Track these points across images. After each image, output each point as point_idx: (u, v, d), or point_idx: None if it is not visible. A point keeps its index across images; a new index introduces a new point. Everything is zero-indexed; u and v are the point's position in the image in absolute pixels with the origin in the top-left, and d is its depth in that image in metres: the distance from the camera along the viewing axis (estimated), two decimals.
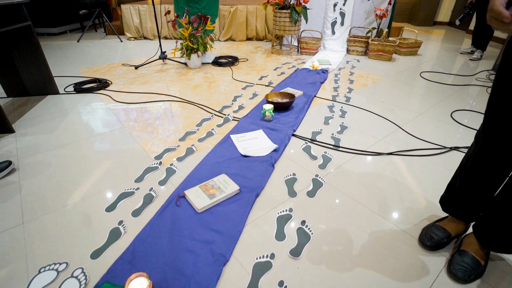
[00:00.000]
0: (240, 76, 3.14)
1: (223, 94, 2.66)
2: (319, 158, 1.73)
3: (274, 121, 2.14)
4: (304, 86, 2.79)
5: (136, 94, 2.68)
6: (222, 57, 3.81)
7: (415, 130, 2.07)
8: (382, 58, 3.74)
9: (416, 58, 3.91)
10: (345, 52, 3.99)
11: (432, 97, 2.65)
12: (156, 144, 1.88)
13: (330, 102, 2.50)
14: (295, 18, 3.61)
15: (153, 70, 3.36)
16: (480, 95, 2.70)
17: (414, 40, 3.92)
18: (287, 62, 3.65)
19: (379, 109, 2.38)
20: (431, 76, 3.19)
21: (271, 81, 2.96)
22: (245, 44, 4.67)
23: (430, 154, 1.78)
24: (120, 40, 4.93)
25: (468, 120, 2.22)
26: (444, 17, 6.56)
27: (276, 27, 3.82)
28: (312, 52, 3.93)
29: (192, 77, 3.12)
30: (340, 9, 4.02)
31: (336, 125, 2.11)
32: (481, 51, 3.87)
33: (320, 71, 3.19)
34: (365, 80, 3.04)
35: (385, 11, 3.76)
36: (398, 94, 2.71)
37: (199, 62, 3.41)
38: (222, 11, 4.67)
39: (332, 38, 4.10)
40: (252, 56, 3.95)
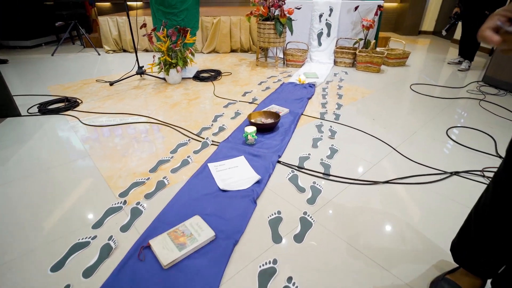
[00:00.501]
0: (222, 92, 2.94)
1: (203, 113, 2.45)
2: (307, 190, 1.53)
3: (257, 144, 1.94)
4: (291, 102, 2.62)
5: (108, 115, 2.44)
6: (204, 71, 3.61)
7: (411, 151, 1.90)
8: (371, 70, 3.62)
9: (404, 69, 3.81)
10: (332, 64, 3.86)
11: (424, 112, 2.51)
12: (123, 176, 1.65)
13: (318, 120, 2.32)
14: (279, 29, 3.46)
15: (130, 87, 3.13)
16: (473, 109, 2.58)
17: (402, 51, 3.82)
18: (272, 75, 3.48)
19: (371, 127, 2.22)
20: (421, 89, 3.07)
21: (255, 98, 2.78)
22: (229, 56, 4.50)
23: (430, 181, 1.61)
24: (98, 53, 4.68)
25: (464, 138, 2.07)
26: (429, 26, 6.58)
27: (261, 39, 3.66)
28: (298, 64, 3.78)
29: (170, 94, 2.90)
30: (326, 20, 3.91)
31: (325, 148, 1.93)
32: (469, 61, 3.80)
33: (307, 85, 3.02)
34: (354, 94, 2.89)
35: (372, 22, 3.65)
36: (389, 109, 2.56)
37: (178, 78, 3.20)
38: (204, 23, 4.49)
39: (318, 49, 3.97)
40: (236, 69, 3.77)
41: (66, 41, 5.67)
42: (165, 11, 3.11)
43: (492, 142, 2.03)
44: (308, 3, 3.86)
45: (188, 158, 1.80)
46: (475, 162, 1.80)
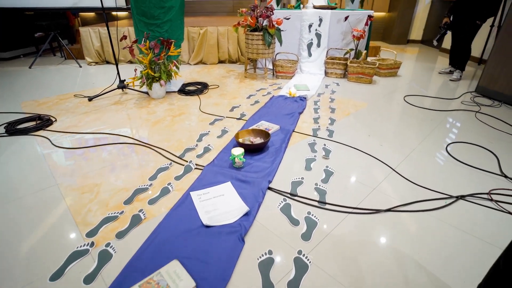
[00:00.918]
0: (208, 107, 2.78)
1: (187, 132, 2.27)
2: (301, 222, 1.37)
3: (246, 168, 1.77)
4: (281, 118, 2.47)
5: (83, 135, 2.24)
6: (190, 84, 3.45)
7: (411, 172, 1.77)
8: (362, 81, 3.52)
9: (396, 79, 3.73)
10: (323, 75, 3.75)
11: (421, 126, 2.39)
12: (93, 210, 1.45)
13: (311, 138, 2.17)
14: (268, 40, 3.33)
15: (110, 102, 2.94)
16: (470, 122, 2.48)
17: (393, 61, 3.75)
18: (261, 87, 3.34)
19: (367, 144, 2.08)
20: (415, 100, 2.98)
21: (244, 113, 2.62)
22: (217, 67, 4.35)
23: (435, 208, 1.47)
24: (79, 65, 4.47)
25: (466, 155, 1.95)
26: (417, 35, 6.61)
27: (249, 50, 3.53)
28: (288, 76, 3.66)
29: (153, 110, 2.72)
30: (315, 30, 3.81)
31: (319, 170, 1.78)
32: (460, 71, 3.75)
33: (298, 99, 2.89)
34: (347, 107, 2.76)
35: (363, 32, 3.57)
36: (384, 123, 2.44)
37: (162, 92, 3.03)
38: (191, 33, 4.35)
39: (308, 60, 3.87)
40: (223, 81, 3.62)
41: (46, 52, 5.43)
42: (147, 22, 2.95)
43: (494, 160, 1.91)
44: (297, 13, 3.77)
45: (168, 186, 1.62)
46: (480, 182, 1.67)
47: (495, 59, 3.02)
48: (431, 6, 6.21)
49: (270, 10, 3.29)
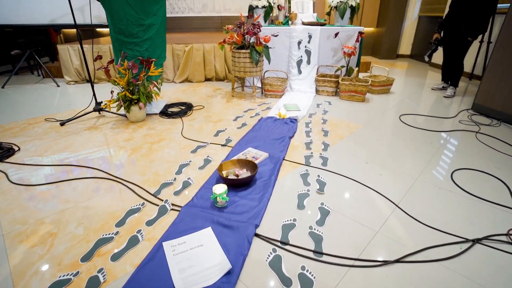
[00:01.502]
0: (191, 131, 2.56)
1: (166, 163, 2.04)
2: (294, 282, 1.14)
3: (230, 207, 1.54)
4: (270, 143, 2.26)
5: (45, 168, 1.98)
6: (173, 105, 3.23)
7: (417, 207, 1.57)
8: (355, 99, 3.37)
9: (389, 97, 3.60)
10: (314, 93, 3.60)
11: (421, 150, 2.22)
12: (40, 273, 1.19)
13: (303, 167, 1.97)
14: (256, 58, 3.17)
15: (84, 126, 2.69)
16: (471, 144, 2.32)
17: (386, 78, 3.63)
18: (249, 108, 3.14)
19: (365, 174, 1.89)
20: (411, 120, 2.82)
21: (230, 138, 2.41)
22: (203, 85, 4.16)
23: (450, 256, 1.26)
24: (57, 84, 4.22)
25: (473, 184, 1.77)
26: (406, 50, 6.60)
27: (236, 68, 3.35)
28: (278, 95, 3.49)
29: (131, 135, 2.48)
30: (305, 47, 3.68)
31: (314, 208, 1.56)
32: (454, 87, 3.65)
33: (288, 120, 2.70)
34: (340, 130, 2.58)
35: (354, 48, 3.45)
36: (381, 148, 2.25)
37: (142, 115, 2.80)
38: (175, 51, 4.17)
39: (298, 78, 3.71)
40: (209, 101, 3.42)
41: (24, 71, 5.17)
42: (125, 41, 2.74)
43: (505, 189, 1.73)
44: (285, 29, 3.64)
45: (138, 234, 1.37)
46: (495, 220, 1.48)
47: (490, 76, 2.91)
48: (419, 21, 6.23)
49: (257, 27, 3.14)
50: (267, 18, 3.68)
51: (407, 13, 6.21)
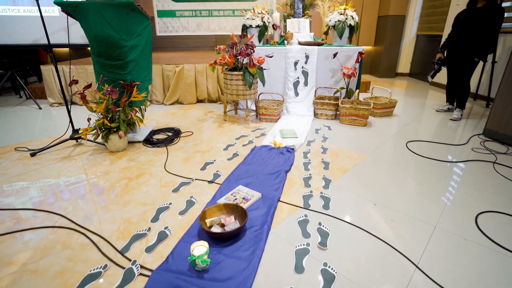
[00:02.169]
0: (176, 164, 2.28)
1: (142, 205, 1.75)
2: None
3: (212, 270, 1.25)
4: (264, 180, 1.99)
5: (2, 213, 1.68)
6: (160, 131, 2.97)
7: (441, 268, 1.28)
8: (356, 123, 3.13)
9: (393, 120, 3.36)
10: (312, 117, 3.36)
11: (435, 186, 1.95)
12: None
13: (301, 211, 1.68)
14: (249, 81, 2.94)
15: (57, 157, 2.41)
16: (491, 178, 2.06)
17: (388, 100, 3.40)
18: (242, 135, 2.88)
19: (373, 219, 1.61)
20: (420, 148, 2.57)
21: (218, 172, 2.13)
22: (194, 108, 3.92)
23: None
24: (39, 107, 3.97)
25: (503, 232, 1.49)
26: (404, 68, 6.47)
27: (228, 91, 3.12)
28: (273, 119, 3.24)
29: (107, 169, 2.20)
30: (302, 68, 3.47)
31: (315, 272, 1.27)
32: (461, 110, 3.43)
33: (285, 150, 2.43)
34: (343, 161, 2.32)
35: (354, 69, 3.24)
36: (390, 185, 1.98)
37: (123, 144, 2.53)
38: (166, 72, 3.96)
39: (295, 100, 3.48)
40: (199, 126, 3.16)
41: (8, 91, 4.94)
42: (105, 63, 2.51)
43: None
44: (281, 50, 3.44)
45: None
46: None
47: (502, 100, 2.69)
48: (417, 40, 6.13)
49: (251, 47, 2.93)
50: (261, 38, 3.49)
51: (405, 31, 6.11)
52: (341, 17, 3.37)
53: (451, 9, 4.92)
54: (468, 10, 3.24)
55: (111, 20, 2.36)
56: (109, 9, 2.32)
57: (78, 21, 2.41)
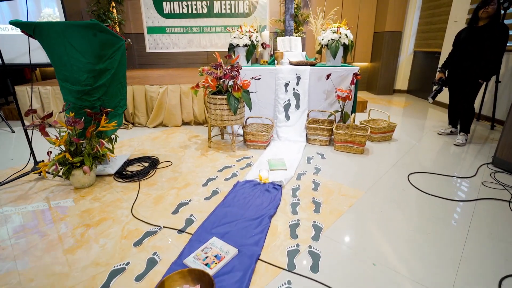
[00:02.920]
0: (146, 204, 1.99)
1: (94, 266, 1.45)
2: None
3: None
4: (243, 228, 1.69)
5: None
6: (136, 160, 2.69)
7: None
8: (352, 151, 2.86)
9: (392, 146, 3.10)
10: (304, 143, 3.08)
11: (446, 237, 1.66)
12: None
13: (284, 275, 1.38)
14: (234, 105, 2.68)
15: (11, 196, 2.12)
16: (509, 223, 1.77)
17: (387, 124, 3.15)
18: (226, 166, 2.60)
19: (373, 283, 1.30)
20: (423, 181, 2.29)
21: (192, 217, 1.84)
22: (179, 131, 3.65)
23: None
24: (12, 130, 3.69)
25: None
26: (402, 85, 6.27)
27: (212, 116, 2.86)
28: (261, 146, 2.97)
29: (65, 213, 1.91)
30: (293, 90, 3.23)
31: None
32: (465, 134, 3.17)
33: (271, 187, 2.15)
34: (337, 200, 2.03)
35: (349, 92, 3.00)
36: (392, 236, 1.69)
37: (89, 179, 2.24)
38: (149, 92, 3.71)
39: (286, 124, 3.22)
40: (181, 154, 2.88)
41: None
42: (72, 89, 2.25)
43: None
44: (270, 70, 3.20)
45: None
46: None
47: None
48: (414, 56, 5.95)
49: (236, 69, 2.69)
50: (249, 57, 3.26)
51: (402, 48, 5.94)
52: (335, 35, 3.15)
53: (449, 25, 4.76)
54: (469, 29, 3.03)
55: (76, 43, 2.12)
56: (73, 31, 2.08)
57: (39, 42, 2.16)
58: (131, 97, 3.69)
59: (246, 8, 5.89)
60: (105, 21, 5.38)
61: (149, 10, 5.89)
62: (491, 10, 2.81)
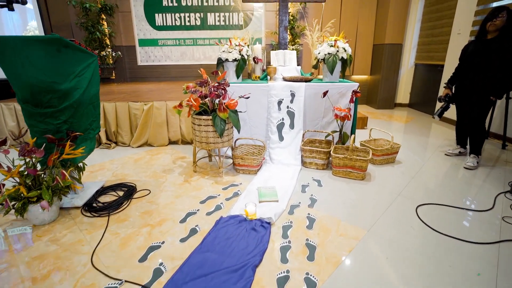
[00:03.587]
0: (110, 248, 1.69)
1: None
2: None
3: None
4: (221, 284, 1.39)
5: None
6: (111, 188, 2.40)
7: None
8: (352, 176, 2.57)
9: (396, 169, 2.81)
10: (299, 166, 2.80)
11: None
12: None
13: None
14: (220, 127, 2.41)
15: None
16: None
17: (390, 145, 2.87)
18: (210, 195, 2.31)
19: None
20: (434, 216, 2.00)
21: (162, 266, 1.54)
22: (164, 152, 3.37)
23: None
24: None
25: None
26: (404, 98, 6.03)
27: (197, 138, 2.58)
28: (252, 170, 2.68)
29: (12, 261, 1.61)
30: (287, 108, 2.97)
31: None
32: (476, 156, 2.89)
33: (259, 224, 1.85)
34: (334, 243, 1.73)
35: (348, 111, 2.73)
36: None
37: (49, 215, 1.95)
38: (132, 110, 3.45)
39: (280, 145, 2.95)
40: (162, 180, 2.60)
41: None
42: (33, 112, 1.98)
43: None
44: (262, 87, 2.95)
45: None
46: None
47: None
48: (415, 69, 5.73)
49: (222, 87, 2.43)
50: (240, 73, 3.01)
51: (403, 60, 5.72)
52: (332, 49, 2.91)
53: (452, 37, 4.54)
54: (477, 42, 2.79)
55: (36, 60, 1.86)
56: (32, 47, 1.83)
57: None
58: (113, 114, 3.43)
59: (241, 20, 5.71)
60: (93, 33, 5.18)
61: (141, 22, 5.71)
62: (500, 23, 2.58)
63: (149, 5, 5.61)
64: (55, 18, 5.46)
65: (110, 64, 5.59)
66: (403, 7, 5.24)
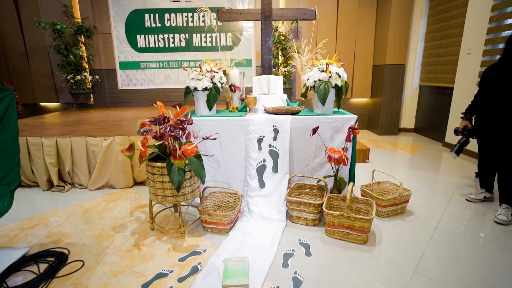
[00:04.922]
0: None
1: None
2: None
3: None
4: None
5: None
6: (33, 260, 1.82)
7: None
8: (352, 239, 1.98)
9: (407, 226, 2.21)
10: (284, 222, 2.21)
11: None
12: None
13: None
14: (177, 179, 1.85)
15: None
16: None
17: (399, 193, 2.28)
18: (159, 273, 1.71)
19: None
20: None
21: None
22: (125, 196, 2.80)
23: None
24: None
25: None
26: (408, 123, 5.50)
27: (151, 189, 2.02)
28: (223, 229, 2.10)
29: None
30: (269, 147, 2.42)
31: None
32: (508, 206, 2.29)
33: None
34: None
35: (343, 153, 2.17)
36: None
37: None
38: (90, 146, 2.91)
39: (260, 194, 2.37)
40: (106, 243, 2.01)
41: None
42: None
43: None
44: (238, 121, 2.42)
45: None
46: None
47: None
48: (420, 91, 5.23)
49: (181, 127, 1.89)
50: (212, 104, 2.47)
51: (406, 82, 5.23)
52: (323, 75, 2.39)
53: (461, 58, 4.05)
54: (502, 64, 2.27)
55: None
56: None
57: None
58: (69, 151, 2.90)
59: (229, 41, 5.30)
60: (67, 56, 4.75)
61: (122, 44, 5.31)
62: None
63: (131, 26, 5.23)
64: (30, 41, 5.08)
65: (86, 89, 5.13)
66: (404, 26, 4.80)
